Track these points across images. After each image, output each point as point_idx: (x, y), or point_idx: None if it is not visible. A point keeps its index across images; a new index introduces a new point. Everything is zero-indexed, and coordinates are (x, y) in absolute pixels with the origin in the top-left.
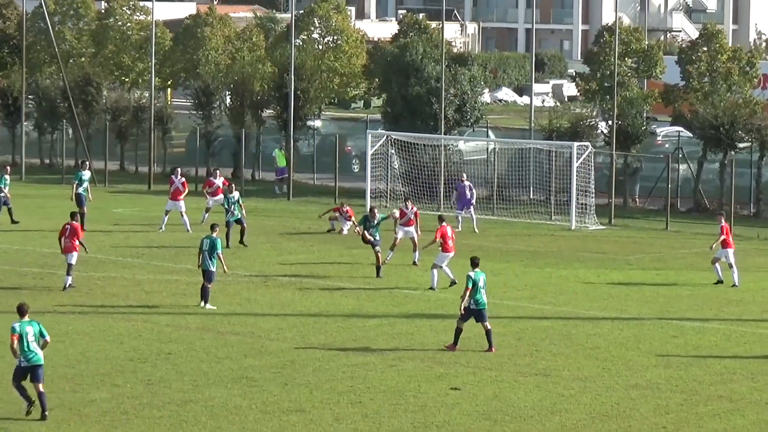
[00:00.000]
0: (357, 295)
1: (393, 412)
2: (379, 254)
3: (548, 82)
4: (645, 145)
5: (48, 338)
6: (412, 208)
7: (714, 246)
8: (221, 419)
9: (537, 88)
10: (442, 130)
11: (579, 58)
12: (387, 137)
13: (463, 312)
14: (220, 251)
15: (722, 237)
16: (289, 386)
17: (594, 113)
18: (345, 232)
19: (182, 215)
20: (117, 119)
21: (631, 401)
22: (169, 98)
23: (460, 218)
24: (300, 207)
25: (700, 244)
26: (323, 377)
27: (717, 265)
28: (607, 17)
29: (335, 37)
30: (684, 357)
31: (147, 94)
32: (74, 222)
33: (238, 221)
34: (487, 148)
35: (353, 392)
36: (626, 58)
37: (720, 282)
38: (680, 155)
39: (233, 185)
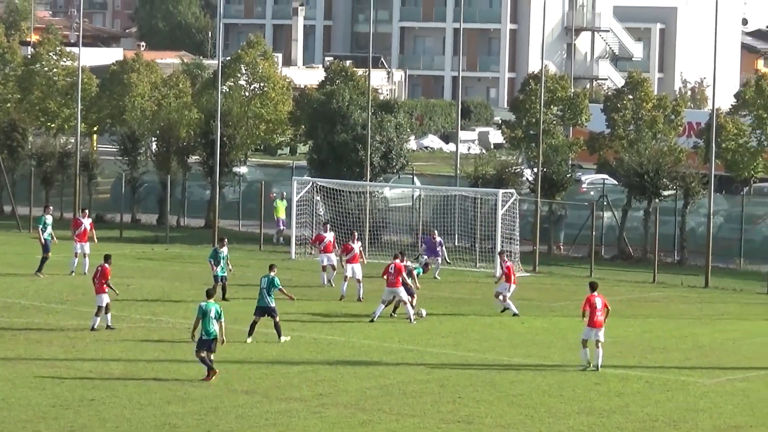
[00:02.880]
0: (281, 342)
1: None
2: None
3: (474, 130)
4: (570, 193)
5: (223, 320)
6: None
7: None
8: None
9: (463, 135)
10: (368, 177)
11: (505, 105)
12: (313, 184)
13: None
14: (280, 286)
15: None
16: None
17: (519, 161)
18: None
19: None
20: (42, 165)
21: None
22: (94, 144)
23: (431, 264)
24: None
25: (624, 291)
26: (246, 424)
27: (500, 297)
28: (534, 65)
29: (262, 84)
30: (606, 404)
31: (72, 140)
32: (105, 264)
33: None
34: (413, 195)
35: None
36: (552, 106)
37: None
38: (605, 203)
39: (225, 239)
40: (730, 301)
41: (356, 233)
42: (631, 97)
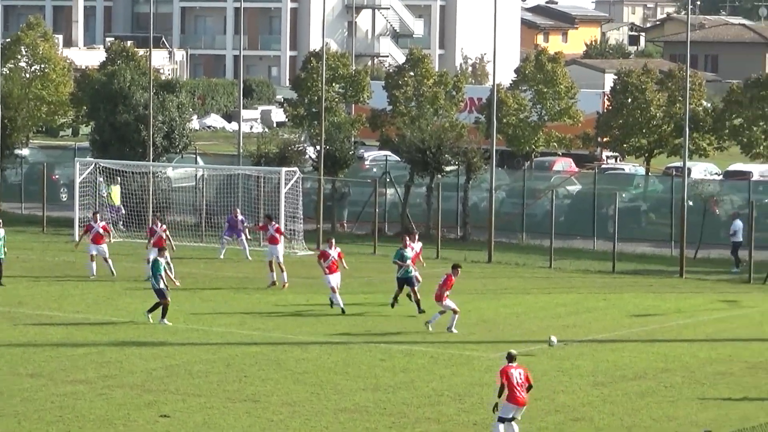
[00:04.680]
0: (66, 325)
1: None
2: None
3: (257, 108)
4: (353, 170)
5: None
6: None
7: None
8: None
9: (245, 114)
10: (151, 158)
11: (287, 84)
12: (95, 165)
13: None
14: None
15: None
16: None
17: (302, 138)
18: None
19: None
20: None
21: (340, 425)
22: None
23: (224, 244)
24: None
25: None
26: (31, 407)
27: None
28: (315, 43)
29: (42, 66)
30: (392, 380)
31: None
32: None
33: None
34: (196, 175)
35: (62, 422)
36: (334, 84)
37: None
38: (387, 179)
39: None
40: (513, 276)
41: (332, 240)
42: (412, 73)
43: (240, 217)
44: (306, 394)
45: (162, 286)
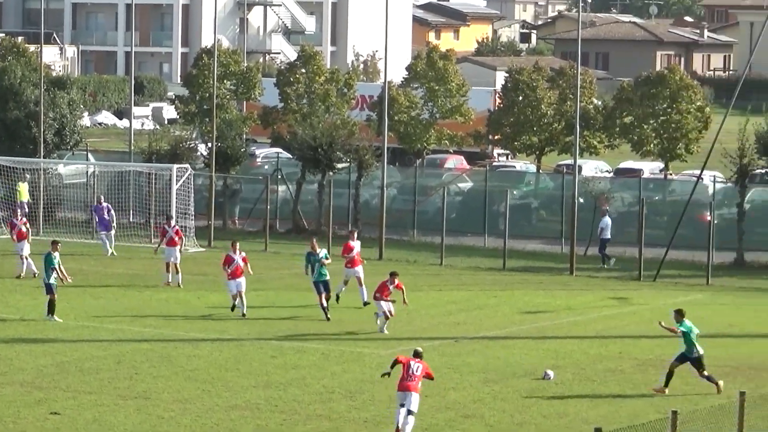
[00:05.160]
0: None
1: None
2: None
3: (148, 105)
4: (244, 167)
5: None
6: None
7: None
8: None
9: (136, 111)
10: (41, 154)
11: (179, 80)
12: None
13: None
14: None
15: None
16: None
17: (194, 135)
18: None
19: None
20: None
21: (231, 422)
22: None
23: (105, 240)
24: None
25: (299, 264)
26: None
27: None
28: (207, 40)
29: None
30: (283, 377)
31: None
32: None
33: None
34: (87, 172)
35: None
36: (225, 81)
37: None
38: (279, 176)
39: None
40: (404, 273)
41: (237, 243)
42: (303, 71)
43: (104, 203)
44: (197, 391)
45: (52, 281)
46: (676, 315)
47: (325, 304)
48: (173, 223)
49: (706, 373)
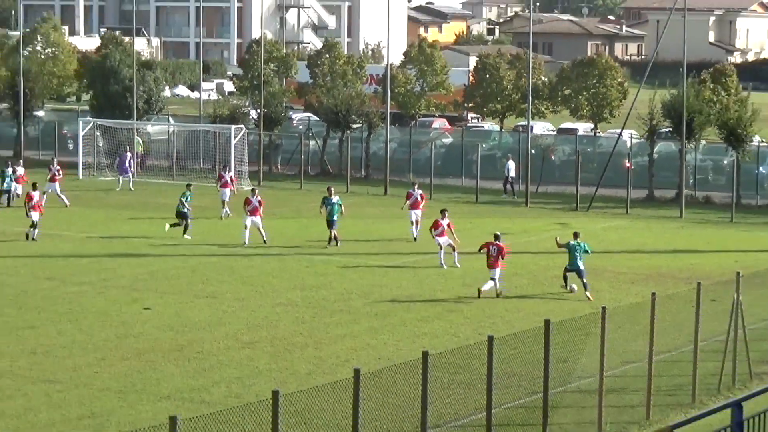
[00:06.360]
0: (73, 242)
1: (102, 326)
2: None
3: (213, 82)
4: (284, 127)
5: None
6: (417, 190)
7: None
8: None
9: (204, 85)
10: (135, 117)
11: (235, 63)
12: (94, 123)
13: None
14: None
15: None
16: (23, 309)
17: (247, 104)
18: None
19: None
20: None
21: (276, 315)
22: None
23: (120, 180)
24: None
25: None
26: (49, 303)
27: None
28: (255, 33)
29: (53, 49)
30: (315, 281)
31: None
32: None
33: None
34: (168, 131)
35: (71, 313)
36: (269, 63)
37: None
38: (310, 134)
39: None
40: (402, 205)
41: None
42: (327, 56)
43: (128, 153)
44: (251, 292)
45: (185, 209)
46: (573, 235)
47: (332, 235)
48: (229, 170)
49: (585, 281)
